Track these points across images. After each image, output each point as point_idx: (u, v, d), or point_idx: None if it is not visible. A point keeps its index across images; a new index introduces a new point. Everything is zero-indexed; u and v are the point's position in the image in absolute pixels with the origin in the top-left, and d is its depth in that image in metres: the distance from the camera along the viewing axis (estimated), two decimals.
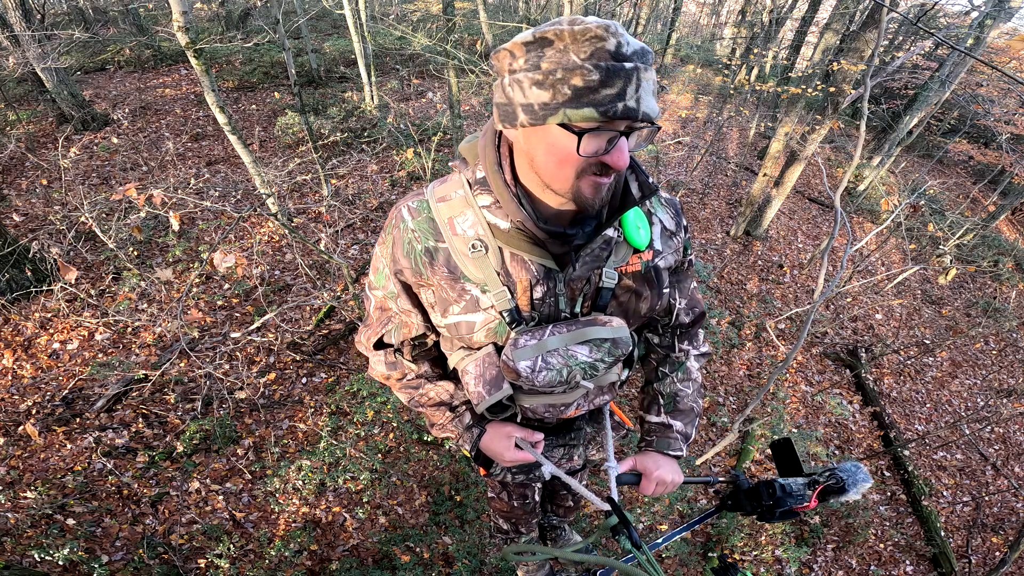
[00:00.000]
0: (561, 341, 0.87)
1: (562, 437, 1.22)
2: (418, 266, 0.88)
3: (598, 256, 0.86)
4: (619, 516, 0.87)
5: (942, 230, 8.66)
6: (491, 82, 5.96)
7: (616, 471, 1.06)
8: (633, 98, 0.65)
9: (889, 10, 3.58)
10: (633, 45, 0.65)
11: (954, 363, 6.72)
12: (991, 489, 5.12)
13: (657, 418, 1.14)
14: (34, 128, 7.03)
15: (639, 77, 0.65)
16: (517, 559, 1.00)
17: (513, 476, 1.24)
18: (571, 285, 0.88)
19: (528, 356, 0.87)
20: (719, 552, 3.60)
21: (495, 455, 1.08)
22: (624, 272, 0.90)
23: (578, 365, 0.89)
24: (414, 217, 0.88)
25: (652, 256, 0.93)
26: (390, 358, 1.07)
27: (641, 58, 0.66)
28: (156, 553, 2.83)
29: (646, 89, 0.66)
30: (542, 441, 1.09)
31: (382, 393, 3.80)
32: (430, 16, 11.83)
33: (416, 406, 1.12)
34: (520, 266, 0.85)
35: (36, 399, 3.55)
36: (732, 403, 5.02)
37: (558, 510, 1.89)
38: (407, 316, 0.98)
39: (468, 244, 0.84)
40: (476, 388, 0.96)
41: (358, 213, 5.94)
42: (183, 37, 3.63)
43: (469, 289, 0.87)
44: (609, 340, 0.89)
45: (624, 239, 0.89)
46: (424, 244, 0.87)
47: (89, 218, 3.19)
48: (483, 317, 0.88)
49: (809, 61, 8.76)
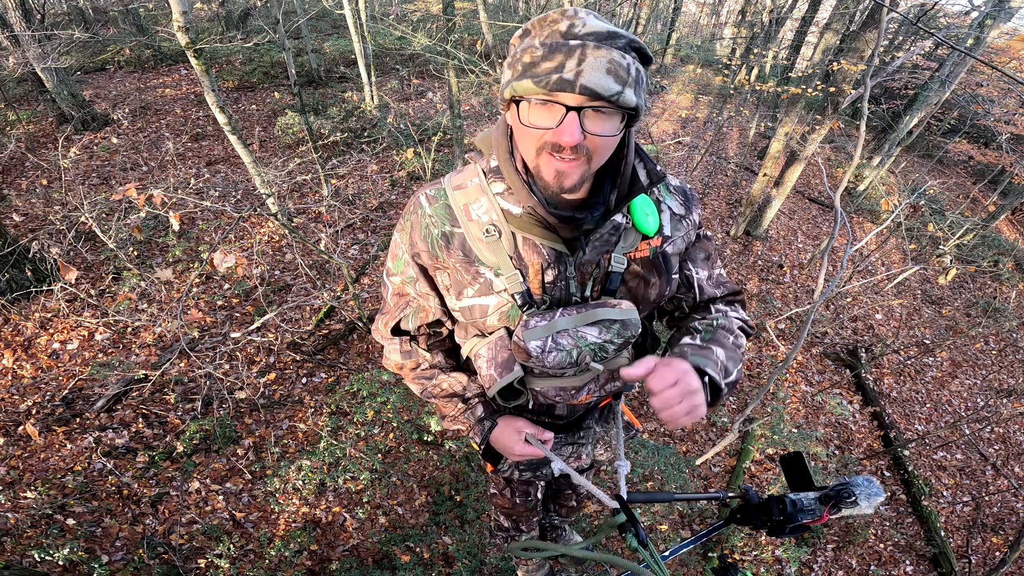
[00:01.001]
0: (571, 322, 0.89)
1: (571, 435, 1.23)
2: (435, 249, 0.92)
3: (607, 241, 0.89)
4: (627, 514, 0.87)
5: (942, 230, 8.66)
6: (491, 82, 5.96)
7: (626, 468, 1.06)
8: (572, 71, 0.67)
9: (889, 10, 3.58)
10: (589, 27, 0.68)
11: (954, 363, 6.72)
12: (991, 489, 5.12)
13: (692, 340, 0.95)
14: (34, 128, 7.03)
15: (583, 53, 0.67)
16: (523, 555, 1.00)
17: (520, 472, 1.25)
18: (581, 269, 0.91)
19: (538, 336, 0.89)
20: (719, 552, 3.60)
21: (505, 448, 1.09)
22: (633, 258, 0.92)
23: (587, 346, 0.91)
24: (431, 204, 0.92)
25: (661, 242, 0.94)
26: (405, 346, 1.09)
27: (596, 38, 0.68)
28: (156, 553, 2.83)
29: (592, 65, 0.67)
30: (551, 440, 1.09)
31: (382, 393, 3.80)
32: (430, 16, 11.83)
33: (428, 397, 1.13)
34: (532, 250, 0.88)
35: (36, 399, 3.55)
36: (732, 403, 5.02)
37: (560, 510, 1.89)
38: (425, 300, 1.01)
39: (482, 229, 0.88)
40: (488, 371, 0.98)
41: (358, 213, 5.94)
42: (183, 37, 3.63)
43: (483, 272, 0.90)
44: (618, 321, 0.91)
45: (633, 225, 0.91)
46: (441, 229, 0.91)
47: (89, 218, 3.19)
48: (496, 300, 0.91)
49: (809, 61, 8.76)
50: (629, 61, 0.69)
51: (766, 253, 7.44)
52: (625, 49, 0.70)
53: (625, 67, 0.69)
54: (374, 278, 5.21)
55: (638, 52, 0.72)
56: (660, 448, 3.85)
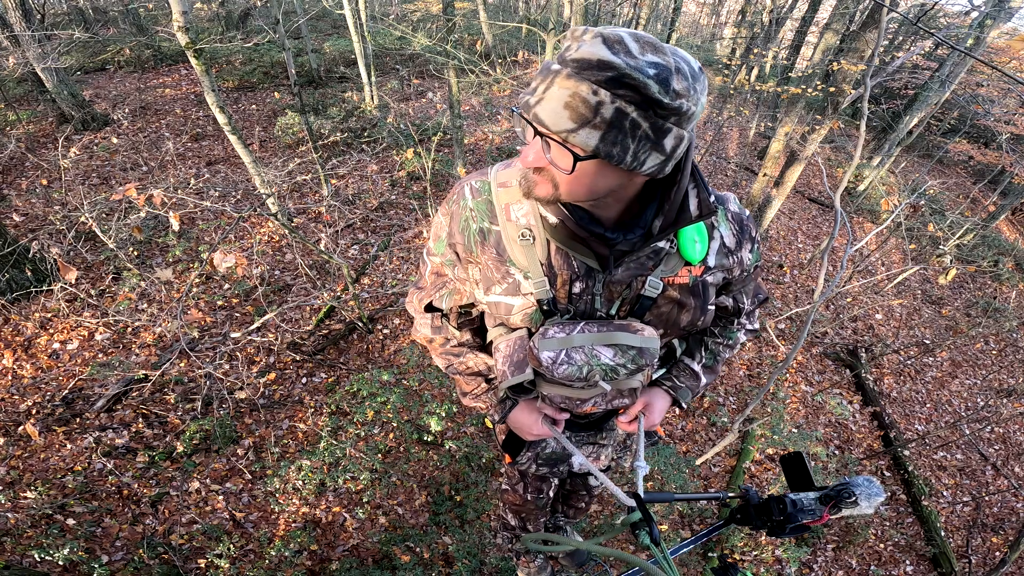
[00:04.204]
0: (588, 339, 0.90)
1: (593, 435, 1.24)
2: (470, 244, 0.94)
3: (643, 264, 0.88)
4: (643, 512, 0.88)
5: (942, 230, 8.66)
6: (491, 82, 5.96)
7: (644, 470, 1.07)
8: (536, 98, 0.66)
9: (889, 10, 3.58)
10: (581, 52, 0.61)
11: (954, 363, 6.72)
12: (991, 489, 5.12)
13: (693, 365, 1.15)
14: (34, 128, 7.03)
15: (553, 81, 0.64)
16: (537, 549, 1.01)
17: (538, 467, 1.26)
18: (610, 287, 0.90)
19: (552, 348, 0.90)
20: (719, 552, 3.60)
21: (523, 427, 1.12)
22: (670, 283, 0.91)
23: (599, 365, 0.91)
24: (474, 197, 0.93)
25: (702, 271, 0.92)
26: (436, 322, 1.13)
27: (578, 67, 0.61)
28: (156, 553, 2.83)
29: (552, 95, 0.63)
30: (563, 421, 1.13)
31: (382, 393, 3.80)
32: (430, 16, 11.84)
33: (453, 372, 1.17)
34: (563, 260, 0.89)
35: (36, 399, 3.55)
36: (732, 403, 5.02)
37: (569, 511, 1.90)
38: (462, 284, 1.04)
39: (519, 231, 0.89)
40: (502, 367, 1.02)
41: (358, 213, 5.94)
42: (183, 37, 3.63)
43: (513, 273, 0.92)
44: (636, 349, 0.91)
45: (678, 251, 0.89)
46: (479, 224, 0.93)
47: (89, 218, 3.20)
48: (521, 302, 0.93)
49: (809, 61, 8.76)
50: (603, 99, 0.60)
51: (766, 253, 7.44)
52: (609, 84, 0.60)
53: (592, 105, 0.61)
54: (374, 278, 5.21)
55: (634, 91, 0.60)
56: (660, 448, 3.85)
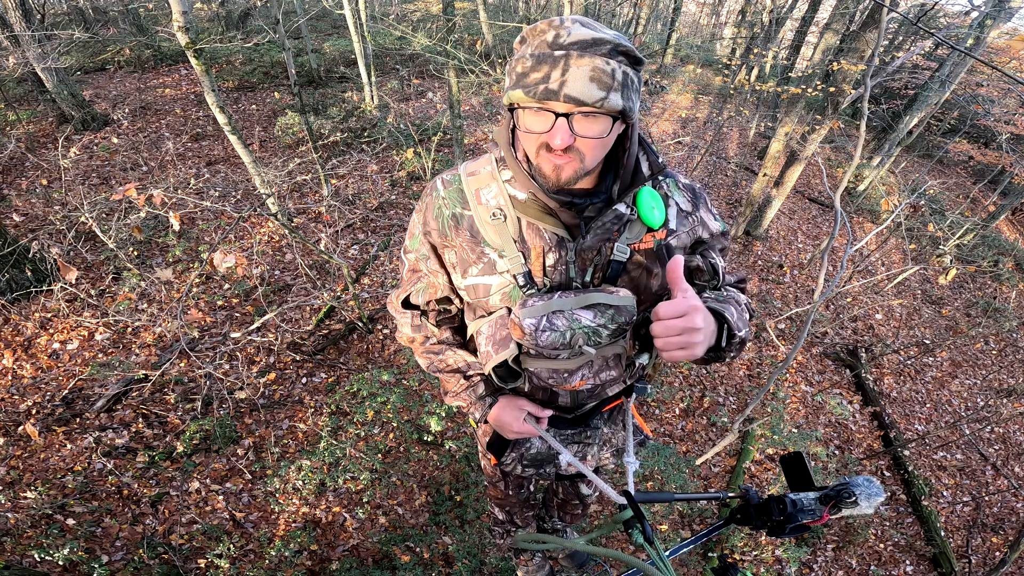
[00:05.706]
0: (567, 303, 0.93)
1: (578, 434, 1.24)
2: (445, 228, 0.99)
3: (608, 229, 0.92)
4: (634, 509, 0.88)
5: (942, 230, 8.66)
6: (491, 82, 5.97)
7: (634, 466, 1.08)
8: (557, 82, 0.72)
9: (889, 10, 3.58)
10: (574, 36, 0.72)
11: (954, 363, 6.71)
12: (991, 489, 5.12)
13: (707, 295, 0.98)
14: (34, 128, 7.03)
15: (567, 63, 0.72)
16: (530, 547, 1.01)
17: (524, 469, 1.26)
18: (582, 255, 0.94)
19: (534, 315, 0.93)
20: (719, 552, 3.60)
21: (504, 425, 1.12)
22: (636, 248, 0.96)
23: (581, 329, 0.93)
24: (446, 187, 1.00)
25: (665, 235, 0.98)
26: (416, 321, 1.16)
27: (580, 47, 0.72)
28: (156, 553, 2.83)
29: (575, 74, 0.71)
30: (546, 419, 1.13)
31: (382, 393, 3.80)
32: (430, 16, 11.85)
33: (435, 371, 1.19)
34: (535, 234, 0.93)
35: (36, 399, 3.55)
36: (732, 403, 5.02)
37: (565, 517, 1.91)
38: (434, 277, 1.08)
39: (490, 212, 0.94)
40: (486, 347, 1.04)
41: (358, 213, 5.94)
42: (183, 37, 3.63)
43: (487, 253, 0.96)
44: (613, 307, 0.93)
45: (638, 218, 0.94)
46: (452, 210, 0.98)
47: (89, 218, 3.20)
48: (499, 280, 0.97)
49: (809, 61, 8.76)
50: (614, 66, 0.73)
51: (766, 253, 7.44)
52: (611, 54, 0.73)
53: (609, 72, 0.72)
54: (374, 278, 5.21)
55: (625, 55, 0.74)
56: (660, 448, 3.85)
